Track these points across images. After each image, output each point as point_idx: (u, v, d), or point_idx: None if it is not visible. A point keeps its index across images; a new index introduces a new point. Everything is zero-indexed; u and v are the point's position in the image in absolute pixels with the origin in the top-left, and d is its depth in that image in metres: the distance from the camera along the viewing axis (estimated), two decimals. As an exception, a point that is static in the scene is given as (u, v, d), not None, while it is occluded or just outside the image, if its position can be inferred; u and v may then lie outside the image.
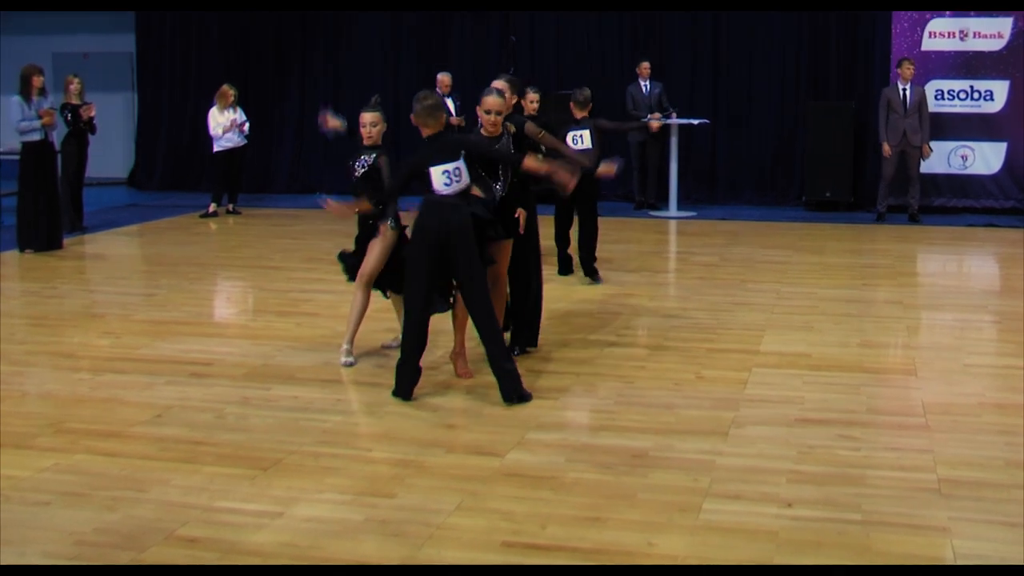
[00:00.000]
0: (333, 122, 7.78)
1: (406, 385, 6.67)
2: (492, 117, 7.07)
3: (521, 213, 7.28)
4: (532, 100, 9.72)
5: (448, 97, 15.00)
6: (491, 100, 7.07)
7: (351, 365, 7.39)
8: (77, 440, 5.92)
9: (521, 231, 7.31)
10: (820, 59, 15.87)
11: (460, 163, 6.55)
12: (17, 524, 4.82)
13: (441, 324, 7.30)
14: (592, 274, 10.20)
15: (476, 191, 6.90)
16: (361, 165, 7.37)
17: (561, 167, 6.95)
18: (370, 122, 7.38)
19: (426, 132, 6.65)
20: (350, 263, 7.56)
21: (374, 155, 7.36)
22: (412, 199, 6.76)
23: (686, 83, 16.15)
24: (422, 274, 6.53)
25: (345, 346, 7.48)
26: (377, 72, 17.25)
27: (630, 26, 16.47)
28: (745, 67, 16.09)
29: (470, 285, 6.54)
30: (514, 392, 6.56)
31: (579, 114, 10.10)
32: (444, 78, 15.33)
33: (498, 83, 7.47)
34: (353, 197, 7.29)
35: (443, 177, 6.49)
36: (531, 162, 6.85)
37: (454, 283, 6.83)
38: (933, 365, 7.51)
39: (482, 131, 7.19)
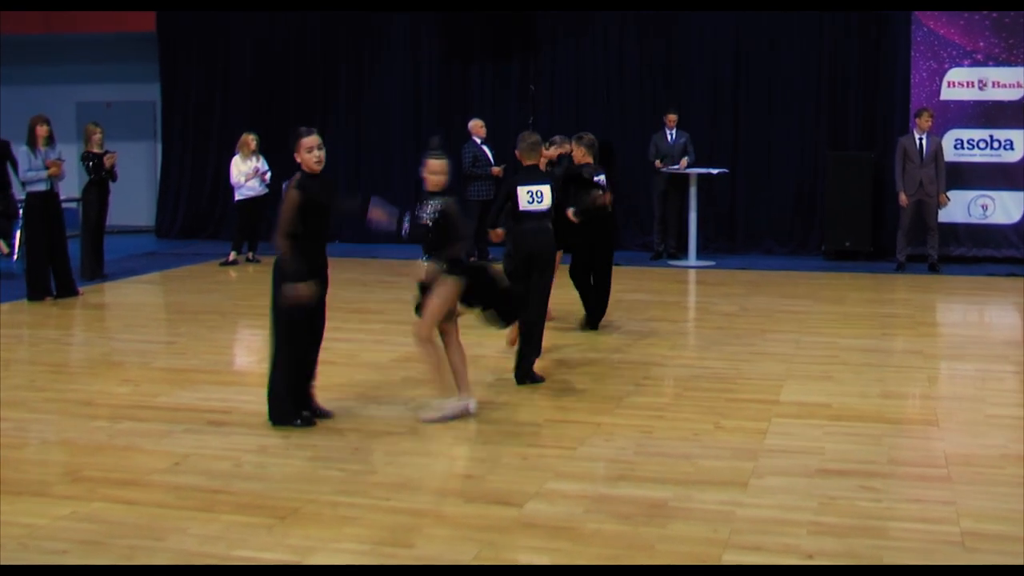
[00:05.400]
0: (378, 213, 7.13)
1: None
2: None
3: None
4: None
5: (484, 144, 14.95)
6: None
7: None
8: (95, 488, 5.92)
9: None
10: (839, 109, 15.89)
11: (544, 187, 8.15)
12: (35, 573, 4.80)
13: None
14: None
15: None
16: (430, 213, 7.08)
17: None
18: (437, 170, 7.18)
19: (526, 163, 8.34)
20: None
21: (439, 202, 7.12)
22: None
23: (706, 133, 16.16)
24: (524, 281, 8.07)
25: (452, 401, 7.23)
26: (397, 122, 17.35)
27: (649, 76, 16.53)
28: (765, 117, 16.11)
29: (540, 293, 8.18)
30: (527, 375, 8.09)
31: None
32: (476, 124, 15.07)
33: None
34: (422, 247, 7.15)
35: (527, 196, 8.11)
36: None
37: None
38: (954, 416, 7.45)
39: None
